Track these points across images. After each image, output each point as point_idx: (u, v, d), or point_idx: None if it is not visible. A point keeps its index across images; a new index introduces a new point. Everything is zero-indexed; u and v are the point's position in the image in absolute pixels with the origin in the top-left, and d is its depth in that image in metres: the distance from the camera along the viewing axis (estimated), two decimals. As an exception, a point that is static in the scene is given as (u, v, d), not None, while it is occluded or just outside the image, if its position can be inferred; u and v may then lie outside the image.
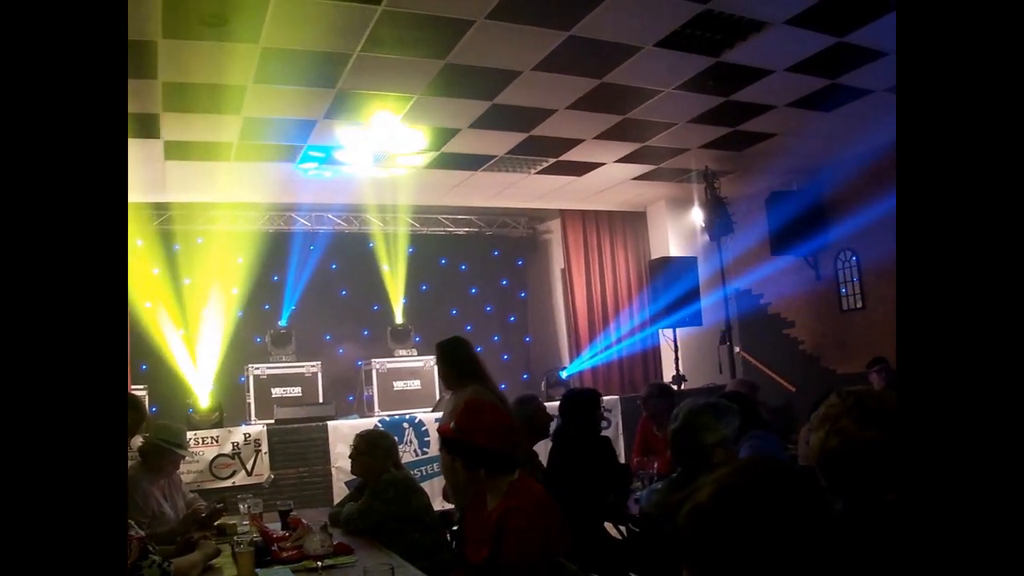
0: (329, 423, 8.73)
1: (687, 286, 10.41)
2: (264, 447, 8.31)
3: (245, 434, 8.32)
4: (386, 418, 9.07)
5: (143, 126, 7.42)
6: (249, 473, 8.19)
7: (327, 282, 12.09)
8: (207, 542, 3.93)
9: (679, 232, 12.06)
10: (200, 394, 9.39)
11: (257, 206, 11.28)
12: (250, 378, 10.01)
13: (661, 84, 7.42)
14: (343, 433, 8.43)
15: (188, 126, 7.49)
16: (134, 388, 8.89)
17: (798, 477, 1.49)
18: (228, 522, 4.85)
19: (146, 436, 5.08)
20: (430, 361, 10.20)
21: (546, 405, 5.94)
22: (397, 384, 10.32)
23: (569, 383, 11.24)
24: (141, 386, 9.28)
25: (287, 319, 11.57)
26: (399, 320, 11.94)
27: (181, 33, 5.69)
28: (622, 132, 8.72)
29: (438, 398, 9.61)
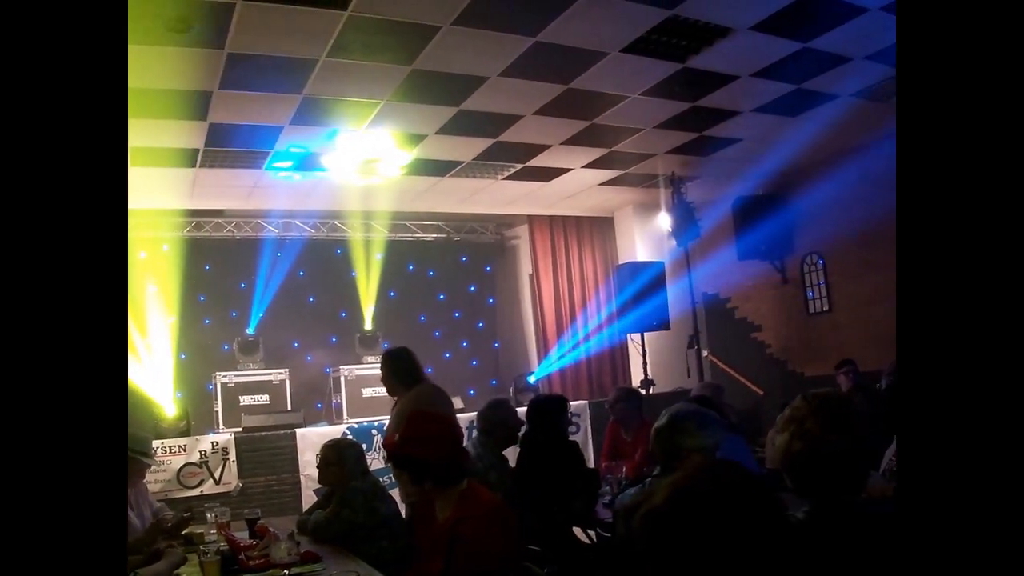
0: (297, 431, 8.68)
1: (655, 291, 10.43)
2: (232, 455, 8.25)
3: (213, 442, 8.25)
4: (355, 425, 9.03)
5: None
6: (217, 482, 8.12)
7: (295, 289, 12.01)
8: (172, 550, 3.90)
9: (646, 237, 12.11)
10: (166, 403, 9.30)
11: (224, 213, 11.21)
12: (217, 386, 9.93)
13: (627, 90, 7.46)
14: (311, 441, 8.38)
15: (153, 132, 7.42)
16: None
17: (753, 481, 1.50)
18: (195, 531, 4.82)
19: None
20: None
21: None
22: (366, 391, 10.28)
23: (538, 387, 11.25)
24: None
25: (255, 326, 11.50)
26: (368, 326, 11.91)
27: (146, 39, 5.64)
28: (589, 137, 8.75)
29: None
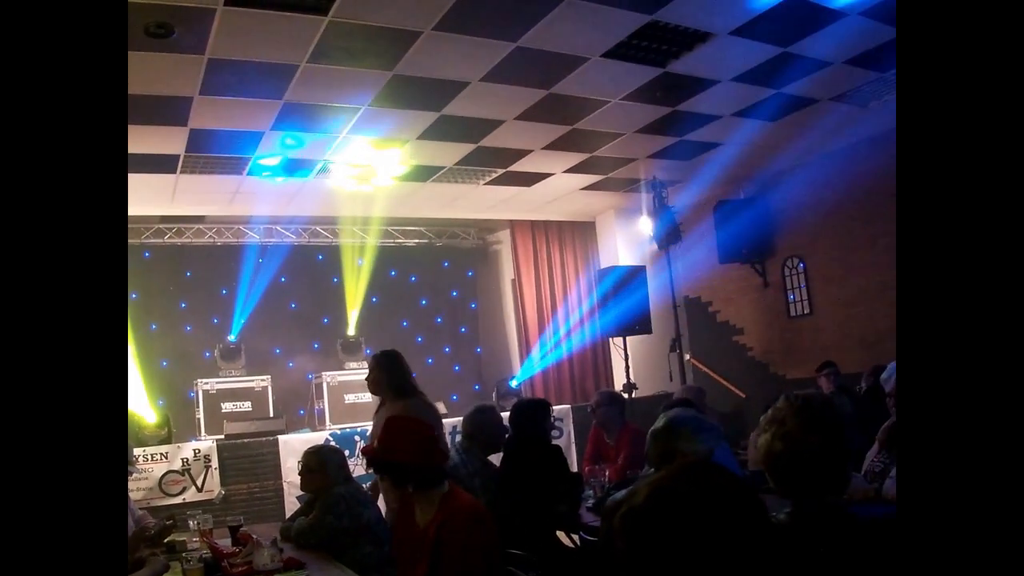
0: (280, 437, 8.64)
1: (637, 295, 10.44)
2: (214, 463, 8.20)
3: (195, 450, 8.21)
4: (337, 431, 9.01)
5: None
6: (199, 489, 8.08)
7: (277, 295, 11.95)
8: (155, 558, 3.88)
9: (628, 241, 12.15)
10: (147, 410, 9.25)
11: (205, 219, 11.17)
12: (199, 393, 9.88)
13: (608, 95, 7.48)
14: (294, 448, 8.35)
15: (134, 138, 7.39)
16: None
17: (736, 482, 1.51)
18: (178, 539, 4.80)
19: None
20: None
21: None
22: (348, 397, 10.24)
23: (520, 392, 11.25)
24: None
25: (237, 333, 11.45)
26: (351, 332, 11.89)
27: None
28: (570, 142, 8.78)
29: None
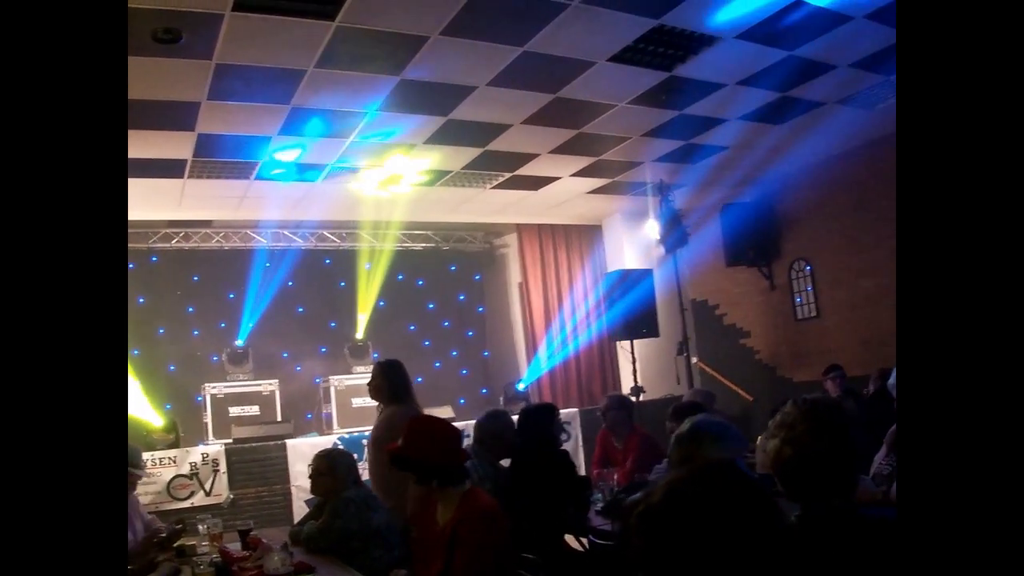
0: (288, 441, 8.67)
1: (643, 298, 10.42)
2: (222, 467, 8.23)
3: (203, 454, 8.23)
4: (345, 435, 9.02)
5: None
6: (208, 493, 8.10)
7: (284, 299, 11.99)
8: (167, 563, 3.90)
9: (635, 245, 12.13)
10: (155, 415, 9.27)
11: (213, 223, 11.20)
12: (207, 397, 9.91)
13: (615, 99, 7.49)
14: (302, 451, 8.37)
15: (141, 143, 7.41)
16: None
17: (749, 482, 1.52)
18: (188, 543, 4.81)
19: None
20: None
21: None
22: (356, 401, 10.25)
23: (527, 395, 11.26)
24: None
25: (244, 337, 11.47)
26: (359, 336, 11.90)
27: (134, 49, 5.62)
28: (577, 146, 8.78)
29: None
